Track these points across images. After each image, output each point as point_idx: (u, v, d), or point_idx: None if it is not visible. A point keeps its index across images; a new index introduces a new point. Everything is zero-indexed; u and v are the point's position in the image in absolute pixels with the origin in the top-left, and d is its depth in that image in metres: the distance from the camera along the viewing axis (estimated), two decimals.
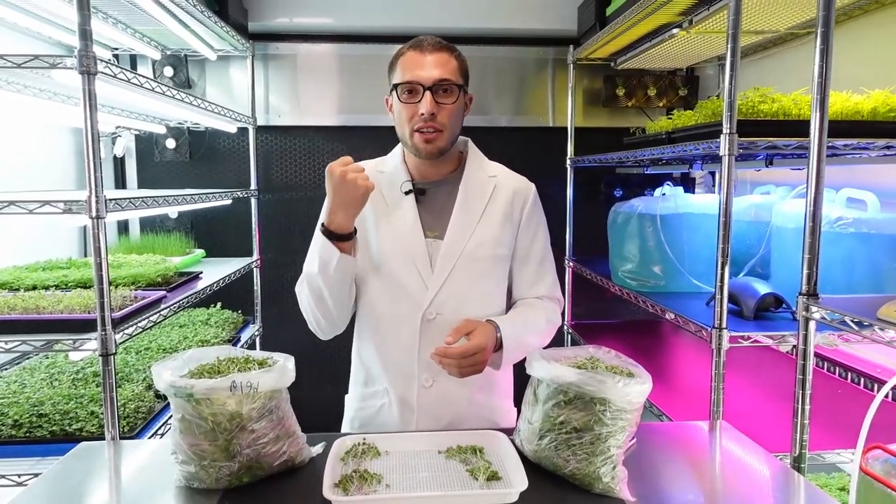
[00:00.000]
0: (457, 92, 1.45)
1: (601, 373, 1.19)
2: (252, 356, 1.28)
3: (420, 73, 1.41)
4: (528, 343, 1.45)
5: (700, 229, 2.13)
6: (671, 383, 2.16)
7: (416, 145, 1.45)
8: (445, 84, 1.42)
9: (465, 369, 1.34)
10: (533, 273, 1.56)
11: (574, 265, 2.96)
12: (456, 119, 1.47)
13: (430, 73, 1.41)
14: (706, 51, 2.65)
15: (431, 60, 1.43)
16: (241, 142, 3.13)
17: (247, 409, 1.16)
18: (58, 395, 1.72)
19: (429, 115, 1.40)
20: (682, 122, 1.96)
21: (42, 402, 1.67)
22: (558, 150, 3.11)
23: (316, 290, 1.43)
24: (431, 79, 1.41)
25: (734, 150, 1.52)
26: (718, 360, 1.57)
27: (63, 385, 1.81)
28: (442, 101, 1.43)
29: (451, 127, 1.46)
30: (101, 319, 1.44)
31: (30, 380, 1.85)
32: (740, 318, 1.76)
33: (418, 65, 1.42)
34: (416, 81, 1.41)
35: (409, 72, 1.42)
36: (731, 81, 1.50)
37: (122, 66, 1.55)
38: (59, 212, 1.41)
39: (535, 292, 1.56)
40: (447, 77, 1.42)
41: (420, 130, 1.43)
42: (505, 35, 3.17)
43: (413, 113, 1.43)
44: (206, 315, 2.72)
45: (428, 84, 1.40)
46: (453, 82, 1.44)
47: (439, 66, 1.42)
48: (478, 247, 1.49)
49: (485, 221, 1.51)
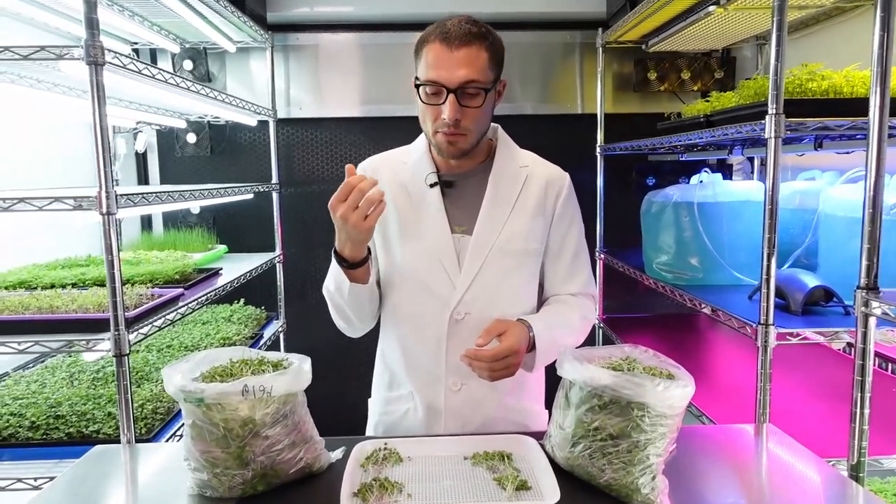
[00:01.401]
0: (484, 95, 1.31)
1: (638, 375, 1.10)
2: (267, 357, 1.22)
3: (444, 73, 1.27)
4: (562, 343, 1.35)
5: (741, 218, 2.01)
6: (711, 382, 2.05)
7: (439, 145, 1.35)
8: (472, 87, 1.28)
9: (496, 373, 1.25)
10: (566, 268, 1.47)
11: (605, 257, 2.85)
12: (483, 119, 1.35)
13: (456, 74, 1.26)
14: (744, 29, 2.50)
15: (458, 58, 1.27)
16: (262, 135, 3.08)
17: (260, 415, 1.10)
18: (77, 395, 1.69)
19: (452, 122, 1.28)
20: (722, 103, 1.84)
21: (60, 403, 1.64)
22: (587, 138, 2.99)
23: (336, 304, 1.41)
24: (457, 80, 1.26)
25: (781, 131, 1.40)
26: (765, 359, 1.46)
27: (83, 385, 1.78)
28: (467, 104, 1.29)
29: (478, 129, 1.35)
30: (114, 319, 1.40)
31: (50, 379, 1.83)
32: (787, 313, 1.64)
33: (443, 63, 1.27)
34: (440, 83, 1.27)
35: (433, 69, 1.28)
36: (778, 56, 1.38)
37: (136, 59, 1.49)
38: (70, 208, 1.37)
39: (568, 289, 1.47)
40: (474, 78, 1.27)
41: (443, 132, 1.32)
42: (531, 20, 3.06)
43: (436, 115, 1.31)
44: (230, 312, 2.69)
45: (453, 86, 1.27)
46: (481, 85, 1.29)
47: (466, 65, 1.27)
48: (508, 241, 1.40)
49: (516, 214, 1.42)
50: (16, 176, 2.24)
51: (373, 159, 1.53)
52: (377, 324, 1.52)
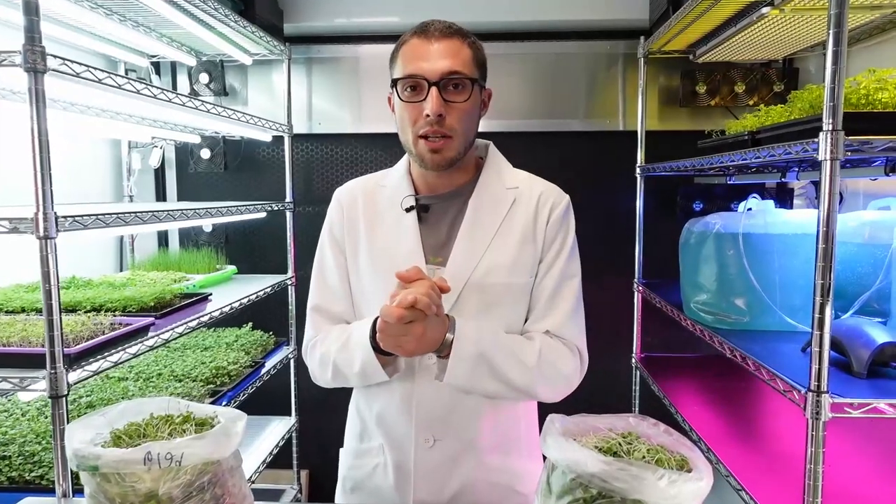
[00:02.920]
0: (470, 87, 1.17)
1: (637, 463, 0.85)
2: (196, 413, 1.03)
3: (424, 64, 1.15)
4: (495, 366, 1.14)
5: (796, 253, 1.70)
6: (758, 447, 1.73)
7: (421, 154, 1.19)
8: (456, 78, 1.15)
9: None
10: (543, 303, 1.24)
11: (643, 290, 2.55)
12: (469, 121, 1.20)
13: (437, 65, 1.15)
14: (808, 35, 2.18)
15: (439, 49, 1.16)
16: (278, 151, 2.95)
17: (165, 489, 0.91)
18: (33, 431, 1.56)
19: (435, 117, 1.14)
20: (771, 118, 1.55)
21: (13, 440, 1.51)
22: (629, 157, 2.71)
23: (342, 380, 1.27)
24: (438, 72, 1.14)
25: (839, 152, 1.11)
26: (816, 435, 1.16)
27: (44, 419, 1.65)
28: (452, 100, 1.16)
29: (464, 131, 1.19)
30: (51, 356, 1.24)
31: (15, 409, 1.71)
32: (848, 375, 1.34)
33: (422, 55, 1.16)
34: (420, 75, 1.15)
35: (412, 63, 1.16)
36: (836, 59, 1.10)
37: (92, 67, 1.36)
38: (6, 231, 1.23)
39: (539, 327, 1.24)
40: (458, 69, 1.15)
41: (426, 136, 1.16)
42: (569, 28, 2.82)
43: (417, 115, 1.17)
44: (235, 336, 2.54)
45: (434, 78, 1.14)
46: (465, 75, 1.16)
47: (448, 56, 1.15)
48: (487, 274, 1.20)
49: (497, 243, 1.22)
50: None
51: (351, 186, 1.38)
52: None
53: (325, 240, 1.35)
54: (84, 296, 1.74)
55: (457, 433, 1.23)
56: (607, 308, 2.68)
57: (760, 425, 1.91)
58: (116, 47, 2.50)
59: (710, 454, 1.67)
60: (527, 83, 2.88)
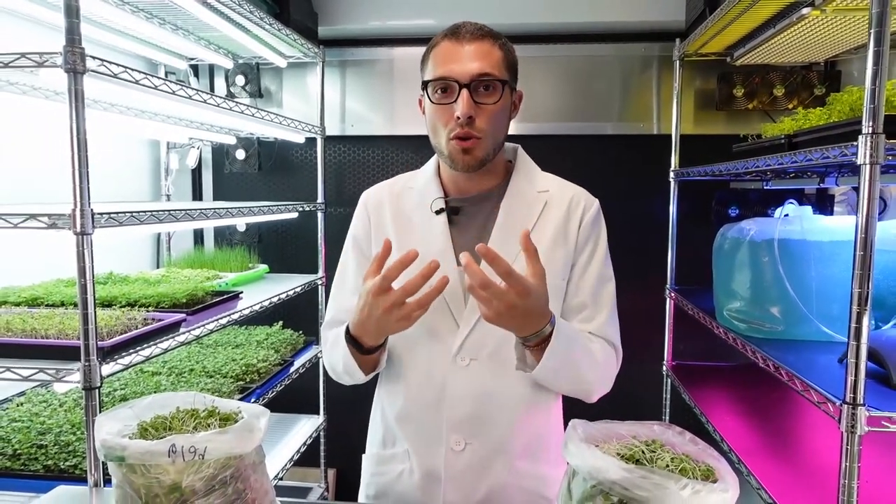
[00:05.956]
0: (500, 89, 1.18)
1: (659, 472, 0.83)
2: (220, 408, 1.05)
3: (455, 66, 1.16)
4: (577, 363, 1.16)
5: (834, 261, 1.65)
6: (793, 460, 1.67)
7: (452, 155, 1.20)
8: (486, 80, 1.16)
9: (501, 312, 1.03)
10: (581, 307, 1.25)
11: (676, 296, 2.51)
12: (499, 123, 1.20)
13: (468, 67, 1.16)
14: (851, 37, 2.12)
15: (470, 51, 1.17)
16: (311, 153, 2.99)
17: (189, 481, 0.92)
18: (70, 421, 1.60)
19: (465, 119, 1.15)
20: (810, 121, 1.51)
21: (50, 430, 1.56)
22: (663, 161, 2.67)
23: (339, 375, 1.30)
24: (469, 73, 1.15)
25: (879, 156, 1.08)
26: (851, 449, 1.12)
27: (80, 410, 1.69)
28: (482, 101, 1.17)
29: (494, 132, 1.20)
30: (85, 348, 1.28)
31: (53, 400, 1.76)
32: (887, 388, 1.29)
33: (453, 57, 1.17)
34: (451, 77, 1.16)
35: (443, 66, 1.17)
36: (878, 59, 1.07)
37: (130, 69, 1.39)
38: (45, 226, 1.27)
39: (581, 328, 1.25)
40: (488, 71, 1.16)
41: (456, 137, 1.17)
42: (604, 30, 2.79)
43: (448, 116, 1.18)
44: (265, 334, 2.58)
45: (465, 80, 1.15)
46: (496, 77, 1.17)
47: (479, 58, 1.16)
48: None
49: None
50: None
51: (377, 189, 1.39)
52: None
53: (348, 246, 1.37)
54: (120, 291, 1.79)
55: (488, 436, 1.22)
56: (638, 314, 2.62)
57: (794, 438, 1.85)
58: (156, 50, 2.57)
59: (740, 465, 1.62)
60: (560, 86, 2.86)
